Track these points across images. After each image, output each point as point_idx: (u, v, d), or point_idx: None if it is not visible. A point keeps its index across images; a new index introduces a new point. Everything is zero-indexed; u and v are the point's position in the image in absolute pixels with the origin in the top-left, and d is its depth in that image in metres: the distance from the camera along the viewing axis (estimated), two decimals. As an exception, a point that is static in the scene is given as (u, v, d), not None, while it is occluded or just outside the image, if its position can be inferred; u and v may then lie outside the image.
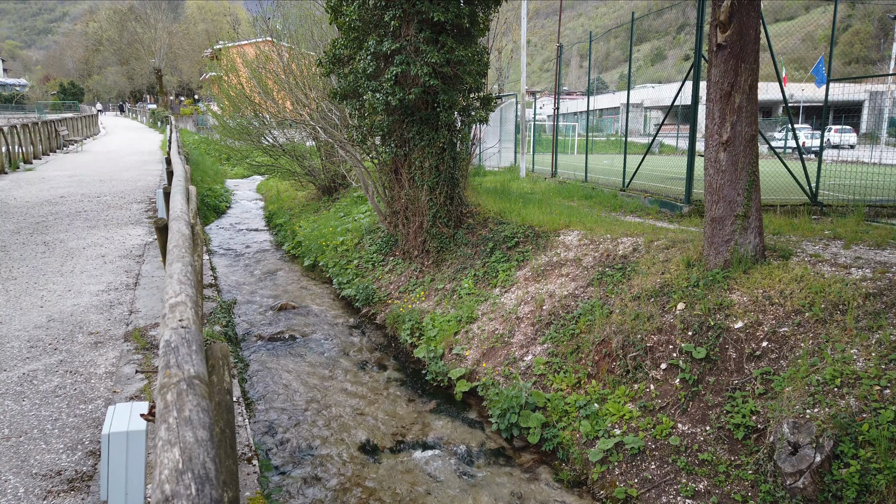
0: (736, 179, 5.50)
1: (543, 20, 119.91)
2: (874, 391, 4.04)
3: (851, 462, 3.78)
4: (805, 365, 4.48)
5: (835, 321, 4.71)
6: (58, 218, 11.44)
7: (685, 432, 4.75)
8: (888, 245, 6.08)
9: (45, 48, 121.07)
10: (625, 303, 6.08)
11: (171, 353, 1.92)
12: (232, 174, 29.04)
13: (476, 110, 9.52)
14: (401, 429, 5.84)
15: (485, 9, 9.04)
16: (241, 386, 6.29)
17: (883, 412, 3.87)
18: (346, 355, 7.71)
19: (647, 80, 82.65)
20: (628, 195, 11.00)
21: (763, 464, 4.16)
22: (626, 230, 7.62)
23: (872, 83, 36.87)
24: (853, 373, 4.23)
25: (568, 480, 4.91)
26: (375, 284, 9.75)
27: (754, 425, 4.44)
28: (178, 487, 1.28)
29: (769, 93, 11.35)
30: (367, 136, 9.59)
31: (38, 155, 22.83)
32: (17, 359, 5.22)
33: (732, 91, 5.41)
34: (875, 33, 65.26)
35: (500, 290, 7.83)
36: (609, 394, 5.44)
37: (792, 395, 4.34)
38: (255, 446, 4.73)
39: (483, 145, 17.14)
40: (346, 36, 9.10)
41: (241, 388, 6.17)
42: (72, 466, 3.69)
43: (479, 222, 9.43)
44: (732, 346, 5.03)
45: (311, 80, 12.79)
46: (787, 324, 4.90)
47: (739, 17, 5.31)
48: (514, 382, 6.02)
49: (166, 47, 63.00)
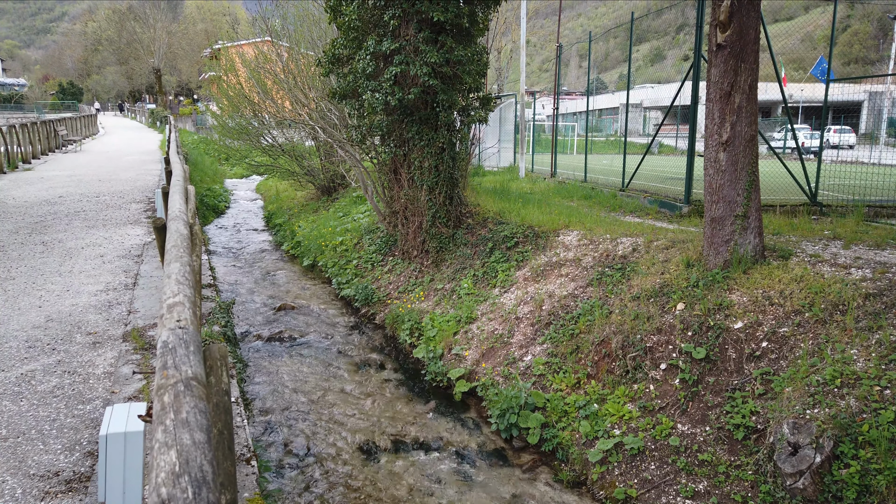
0: (736, 179, 5.49)
1: (543, 20, 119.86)
2: (874, 391, 4.03)
3: (852, 463, 3.77)
4: (805, 365, 4.47)
5: (835, 321, 4.70)
6: (56, 218, 11.42)
7: (685, 433, 4.74)
8: (888, 245, 6.07)
9: (43, 48, 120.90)
10: (624, 303, 6.07)
11: (169, 354, 1.90)
12: (231, 174, 29.01)
13: (475, 110, 9.51)
14: (400, 429, 5.83)
15: (484, 8, 9.03)
16: (239, 386, 6.27)
17: (883, 412, 3.87)
18: (345, 355, 7.70)
19: (646, 81, 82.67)
20: (628, 195, 10.99)
21: (763, 464, 4.16)
22: (626, 230, 7.61)
23: (871, 83, 36.90)
24: (853, 373, 4.23)
25: (567, 481, 4.90)
26: (374, 284, 9.73)
27: (754, 426, 4.43)
28: (175, 491, 1.26)
29: (768, 93, 11.35)
30: (367, 136, 9.58)
31: (36, 155, 22.79)
32: (16, 359, 5.20)
33: (732, 91, 5.40)
34: (874, 33, 65.32)
35: (500, 290, 7.82)
36: (608, 394, 5.43)
37: (792, 395, 4.33)
38: (253, 447, 4.72)
39: (482, 145, 17.13)
40: (345, 36, 9.09)
41: (239, 388, 6.15)
42: (70, 467, 3.67)
43: (479, 222, 9.42)
44: (732, 347, 5.02)
45: (310, 80, 12.78)
46: (786, 324, 4.89)
47: (739, 16, 5.30)
48: (514, 383, 6.01)
49: (165, 47, 62.99)
